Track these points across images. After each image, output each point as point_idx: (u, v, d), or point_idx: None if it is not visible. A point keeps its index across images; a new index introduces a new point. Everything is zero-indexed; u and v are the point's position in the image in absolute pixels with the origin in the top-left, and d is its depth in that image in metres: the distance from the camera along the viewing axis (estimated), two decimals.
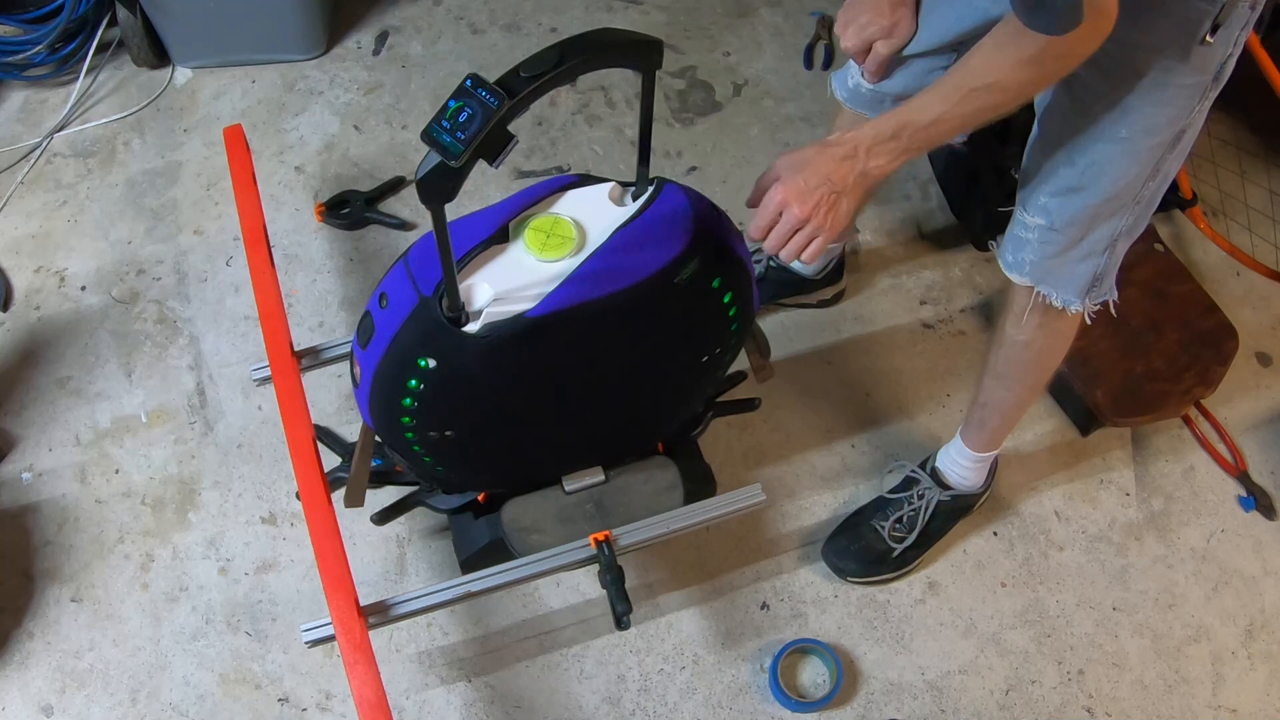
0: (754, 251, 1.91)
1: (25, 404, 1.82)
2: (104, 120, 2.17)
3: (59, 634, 1.61)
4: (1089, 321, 1.37)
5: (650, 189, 1.19)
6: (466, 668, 1.61)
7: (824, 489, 1.79)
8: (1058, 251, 1.28)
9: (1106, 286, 1.32)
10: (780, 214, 1.12)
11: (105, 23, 2.17)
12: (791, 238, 1.13)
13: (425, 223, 2.04)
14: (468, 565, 1.47)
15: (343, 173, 2.11)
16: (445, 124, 0.94)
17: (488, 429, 1.29)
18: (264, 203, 1.76)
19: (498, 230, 1.17)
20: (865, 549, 1.68)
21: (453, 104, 0.94)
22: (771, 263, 1.90)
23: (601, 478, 1.46)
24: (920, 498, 1.68)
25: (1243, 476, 1.84)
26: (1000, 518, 1.78)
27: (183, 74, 2.24)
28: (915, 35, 1.35)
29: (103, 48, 2.21)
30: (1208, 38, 1.05)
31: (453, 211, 1.04)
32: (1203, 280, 1.98)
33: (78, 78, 2.19)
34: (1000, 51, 1.05)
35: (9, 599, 1.63)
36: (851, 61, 1.44)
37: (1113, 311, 1.36)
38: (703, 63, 2.32)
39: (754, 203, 1.18)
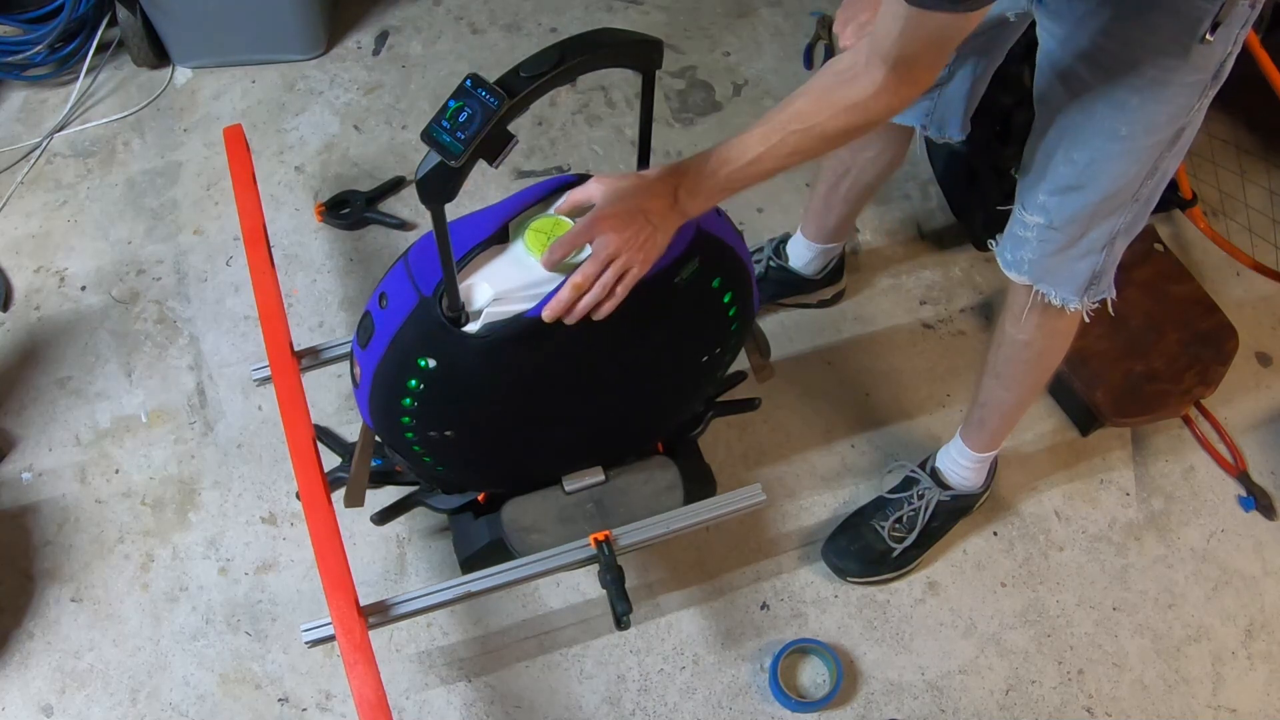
0: (754, 251, 1.91)
1: (25, 404, 1.82)
2: (104, 120, 2.17)
3: (59, 634, 1.61)
4: (1087, 320, 1.37)
5: None
6: (466, 668, 1.61)
7: (824, 489, 1.79)
8: (1057, 250, 1.28)
9: (1105, 284, 1.32)
10: (591, 240, 1.10)
11: (105, 23, 2.17)
12: (601, 274, 1.09)
13: (425, 223, 2.04)
14: (468, 565, 1.47)
15: (343, 173, 2.11)
16: (445, 124, 0.94)
17: (488, 429, 1.29)
18: (264, 203, 1.76)
19: (498, 230, 1.18)
20: (865, 549, 1.68)
21: (453, 104, 0.95)
22: (772, 263, 1.90)
23: (601, 478, 1.46)
24: (920, 498, 1.68)
25: (1243, 476, 1.84)
26: (1000, 518, 1.78)
27: (183, 74, 2.24)
28: None
29: (103, 48, 2.21)
30: (1208, 36, 1.05)
31: (453, 211, 1.04)
32: (1203, 280, 1.98)
33: (78, 78, 2.19)
34: (827, 96, 1.06)
35: (9, 599, 1.63)
36: None
37: (1110, 310, 1.36)
38: (703, 63, 2.32)
39: (564, 210, 1.17)
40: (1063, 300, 1.33)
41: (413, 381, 1.18)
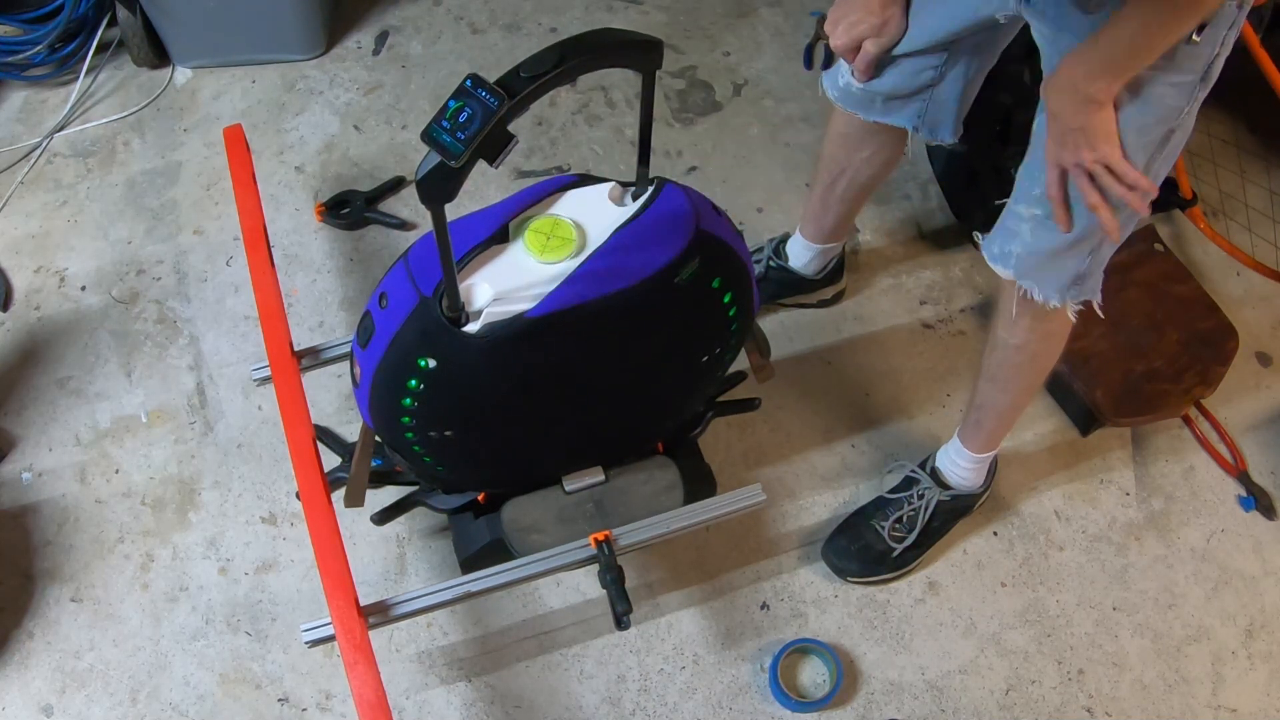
0: (754, 251, 1.91)
1: (25, 404, 1.82)
2: (104, 120, 2.17)
3: (59, 634, 1.61)
4: (1072, 319, 1.36)
5: (650, 189, 1.19)
6: (466, 668, 1.61)
7: (824, 489, 1.79)
8: (1048, 244, 1.27)
9: (1089, 286, 1.32)
10: (1065, 176, 1.18)
11: (105, 23, 2.17)
12: (1096, 189, 1.16)
13: (425, 223, 2.04)
14: (468, 565, 1.47)
15: (343, 173, 2.11)
16: (445, 124, 0.94)
17: (488, 429, 1.29)
18: (264, 203, 1.76)
19: (498, 230, 1.18)
20: (865, 549, 1.68)
21: (453, 104, 0.95)
22: (772, 263, 1.90)
23: (601, 478, 1.46)
24: (920, 498, 1.68)
25: (1243, 476, 1.84)
26: (1000, 518, 1.78)
27: (183, 74, 2.24)
28: (905, 34, 1.35)
29: (103, 48, 2.21)
30: (1194, 37, 1.05)
31: (453, 211, 1.04)
32: (1203, 280, 1.98)
33: (78, 78, 2.19)
34: None
35: (9, 599, 1.63)
36: (842, 60, 1.44)
37: (1099, 313, 1.35)
38: (703, 63, 2.32)
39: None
40: (1044, 297, 1.32)
41: (413, 381, 1.18)
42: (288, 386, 1.45)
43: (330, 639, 1.31)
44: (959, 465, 1.67)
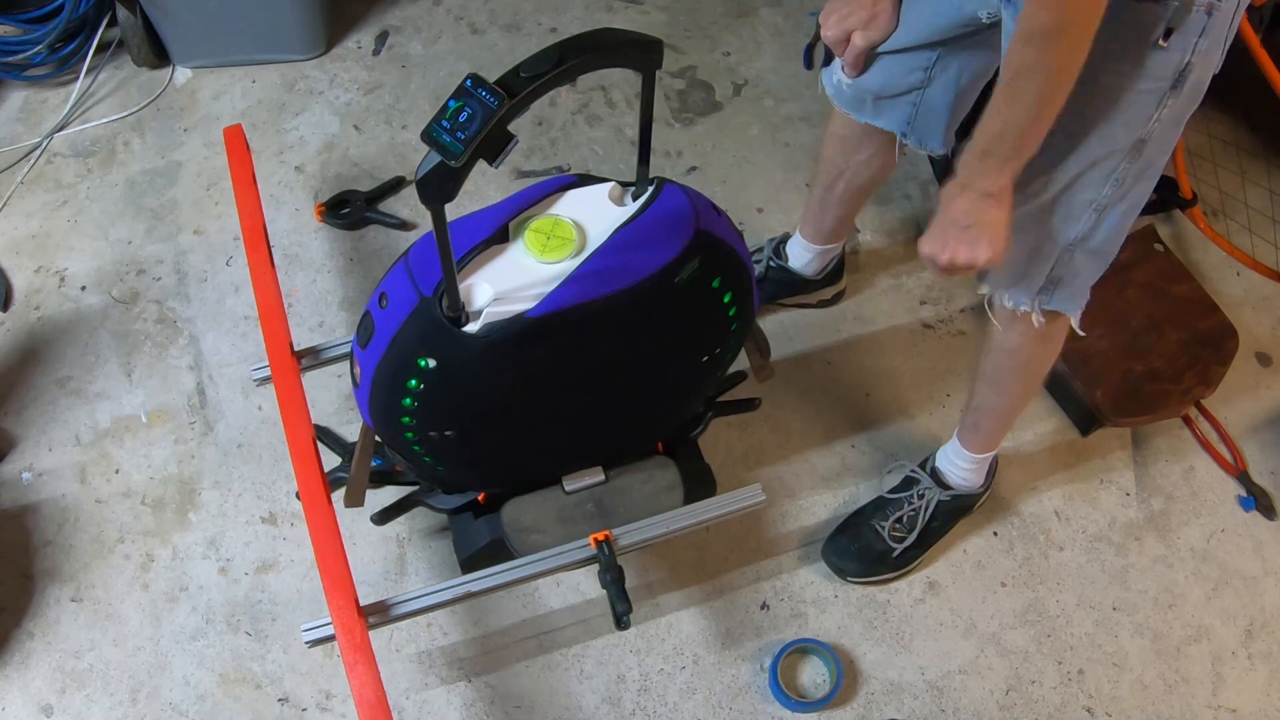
0: (754, 252, 1.91)
1: (25, 404, 1.82)
2: (104, 120, 2.17)
3: (59, 634, 1.61)
4: (1036, 325, 1.34)
5: (650, 189, 1.20)
6: (466, 668, 1.61)
7: (824, 489, 1.79)
8: (1019, 254, 1.26)
9: (1065, 295, 1.30)
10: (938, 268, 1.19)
11: (105, 23, 2.17)
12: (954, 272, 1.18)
13: (425, 223, 2.04)
14: (468, 565, 1.47)
15: (343, 173, 2.11)
16: (445, 124, 0.94)
17: (488, 429, 1.29)
18: (264, 203, 1.76)
19: (498, 230, 1.18)
20: (865, 549, 1.68)
21: (453, 104, 0.95)
22: (772, 263, 1.90)
23: (601, 478, 1.46)
24: (920, 498, 1.68)
25: (1243, 476, 1.84)
26: (1000, 518, 1.78)
27: (183, 74, 2.24)
28: (894, 31, 1.35)
29: (103, 48, 2.21)
30: (1161, 42, 1.04)
31: (453, 211, 1.04)
32: (1203, 280, 1.98)
33: (78, 78, 2.19)
34: (1011, 40, 1.02)
35: (9, 599, 1.63)
36: (838, 57, 1.44)
37: (1076, 330, 1.34)
38: (703, 63, 2.32)
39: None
40: (1014, 303, 1.31)
41: (413, 381, 1.18)
42: (288, 386, 1.45)
43: (330, 639, 1.31)
44: (958, 465, 1.67)
